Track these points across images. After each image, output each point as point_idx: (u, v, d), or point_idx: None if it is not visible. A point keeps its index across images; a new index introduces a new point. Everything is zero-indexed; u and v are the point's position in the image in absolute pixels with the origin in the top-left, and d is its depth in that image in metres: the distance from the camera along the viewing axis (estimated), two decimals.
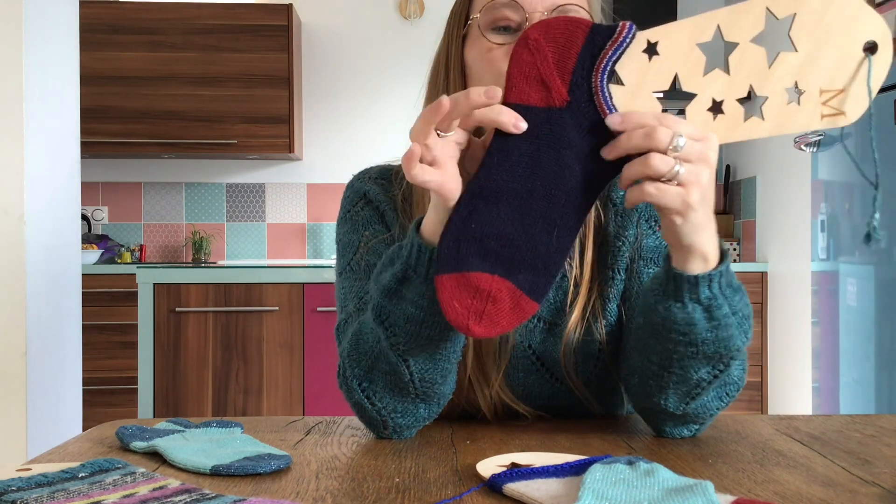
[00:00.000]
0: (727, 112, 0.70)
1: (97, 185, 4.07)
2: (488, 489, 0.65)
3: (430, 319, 0.77)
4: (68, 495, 0.61)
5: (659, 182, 0.69)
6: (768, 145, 3.57)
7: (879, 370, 2.04)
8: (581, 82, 0.69)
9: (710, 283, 0.75)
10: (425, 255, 0.75)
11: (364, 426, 0.92)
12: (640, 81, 0.70)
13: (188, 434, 0.82)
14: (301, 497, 0.65)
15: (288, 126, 3.77)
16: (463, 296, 0.69)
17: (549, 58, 0.69)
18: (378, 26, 4.08)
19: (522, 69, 0.69)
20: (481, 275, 0.69)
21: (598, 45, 0.69)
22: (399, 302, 0.78)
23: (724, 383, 0.84)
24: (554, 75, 0.69)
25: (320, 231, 4.12)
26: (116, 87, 3.73)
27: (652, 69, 0.69)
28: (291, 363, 2.71)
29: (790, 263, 3.37)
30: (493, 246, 0.69)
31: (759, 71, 0.69)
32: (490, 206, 0.69)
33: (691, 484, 0.60)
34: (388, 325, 0.79)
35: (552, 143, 0.69)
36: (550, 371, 0.96)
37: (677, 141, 0.68)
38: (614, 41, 0.69)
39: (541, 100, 0.69)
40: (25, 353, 1.86)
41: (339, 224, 1.04)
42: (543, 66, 0.69)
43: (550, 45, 0.69)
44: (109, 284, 3.51)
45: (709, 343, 0.77)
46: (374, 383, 0.84)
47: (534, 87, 0.69)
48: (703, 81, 0.70)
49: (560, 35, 0.69)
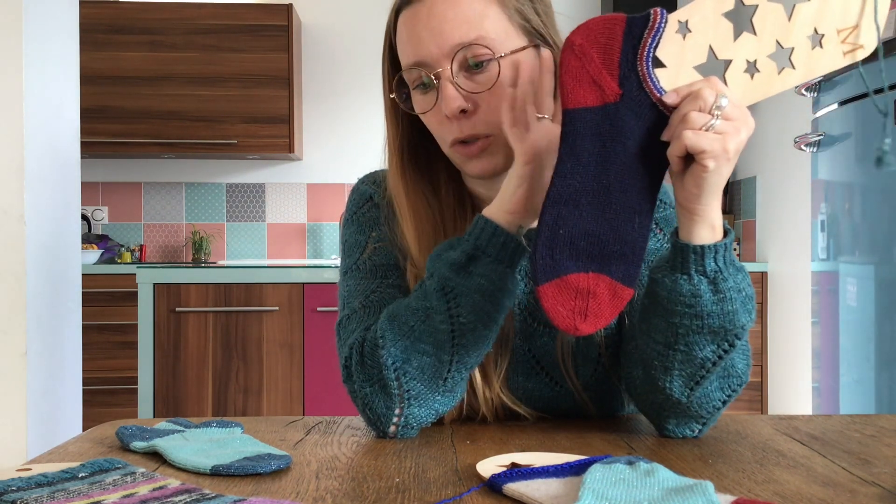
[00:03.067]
0: (762, 69, 0.75)
1: (97, 185, 4.07)
2: (488, 489, 0.65)
3: (496, 296, 0.81)
4: (68, 495, 0.61)
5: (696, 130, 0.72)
6: (768, 145, 3.57)
7: (879, 370, 2.04)
8: (629, 73, 0.73)
9: (715, 256, 0.77)
10: (499, 237, 0.80)
11: (364, 426, 0.92)
12: (680, 60, 0.74)
13: (188, 434, 0.82)
14: (301, 497, 0.65)
15: (288, 126, 3.77)
16: (566, 299, 0.73)
17: (595, 58, 0.72)
18: (378, 26, 4.05)
19: (573, 75, 0.72)
20: (578, 275, 0.73)
21: (636, 35, 0.73)
22: (468, 276, 0.81)
23: (727, 374, 0.84)
24: (603, 73, 0.72)
25: (320, 231, 4.12)
26: (116, 87, 3.73)
27: (687, 46, 0.73)
28: (291, 363, 2.71)
29: (790, 263, 3.37)
30: (583, 245, 0.73)
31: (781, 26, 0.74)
32: (573, 210, 0.72)
33: (691, 484, 0.60)
34: (454, 296, 0.81)
35: (615, 136, 0.73)
36: (550, 374, 0.96)
37: (721, 101, 0.72)
38: (651, 28, 0.72)
39: (596, 99, 0.73)
40: (25, 353, 1.86)
41: (346, 225, 1.04)
42: (592, 68, 0.72)
43: (594, 47, 0.72)
44: (109, 284, 3.51)
45: (714, 316, 0.78)
46: (408, 363, 0.84)
47: (587, 89, 0.72)
48: (735, 47, 0.74)
49: (601, 35, 0.73)
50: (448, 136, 0.92)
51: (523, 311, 0.97)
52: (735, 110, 0.73)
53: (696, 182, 0.75)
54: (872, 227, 2.09)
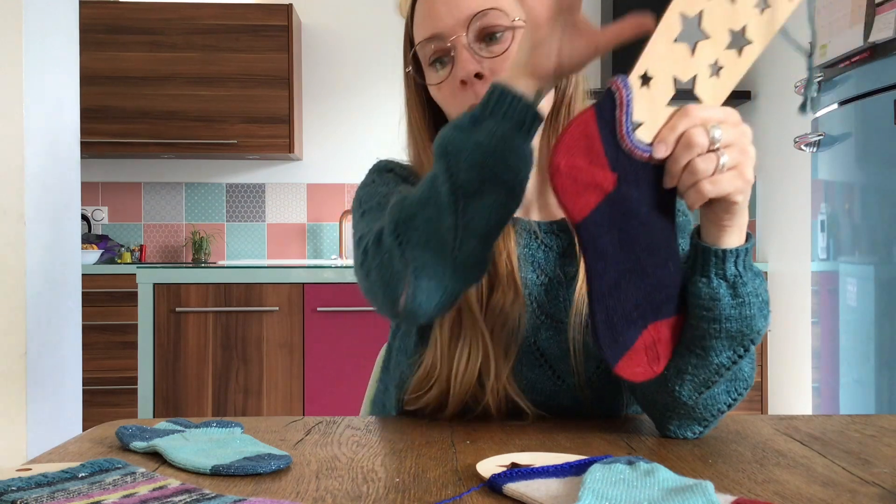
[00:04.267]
0: (724, 64, 0.74)
1: (97, 185, 4.07)
2: (488, 489, 0.65)
3: (499, 152, 0.74)
4: (68, 495, 0.61)
5: (712, 176, 0.71)
6: (768, 145, 3.57)
7: (879, 370, 2.04)
8: (617, 155, 0.73)
9: (736, 260, 0.77)
10: (506, 97, 0.75)
11: (364, 426, 0.92)
12: (653, 108, 0.73)
13: (188, 434, 0.82)
14: (301, 497, 0.65)
15: (288, 126, 3.77)
16: (639, 361, 0.77)
17: (583, 166, 0.72)
18: (378, 26, 4.08)
19: (569, 190, 0.73)
20: (641, 337, 0.76)
21: (609, 119, 0.72)
22: (470, 133, 0.75)
23: (734, 377, 0.84)
24: (595, 171, 0.73)
25: (320, 231, 4.12)
26: (116, 87, 3.73)
27: (655, 93, 0.72)
28: (291, 363, 2.71)
29: (790, 263, 3.37)
30: (635, 315, 0.76)
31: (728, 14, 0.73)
32: (617, 296, 0.75)
33: (691, 484, 0.60)
34: (454, 153, 0.75)
35: (627, 217, 0.74)
36: (553, 368, 0.97)
37: (714, 133, 0.71)
38: (620, 105, 0.72)
39: (598, 196, 0.73)
40: (25, 353, 1.86)
41: (363, 187, 1.03)
42: (584, 176, 0.73)
43: (577, 156, 0.72)
44: (109, 284, 3.51)
45: (732, 320, 0.78)
46: (411, 230, 0.78)
47: (588, 194, 0.73)
48: (695, 61, 0.73)
49: (579, 141, 0.73)
50: (463, 105, 0.93)
51: (532, 302, 0.97)
52: (730, 131, 0.72)
53: (725, 211, 0.75)
54: (872, 227, 2.09)
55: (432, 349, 0.96)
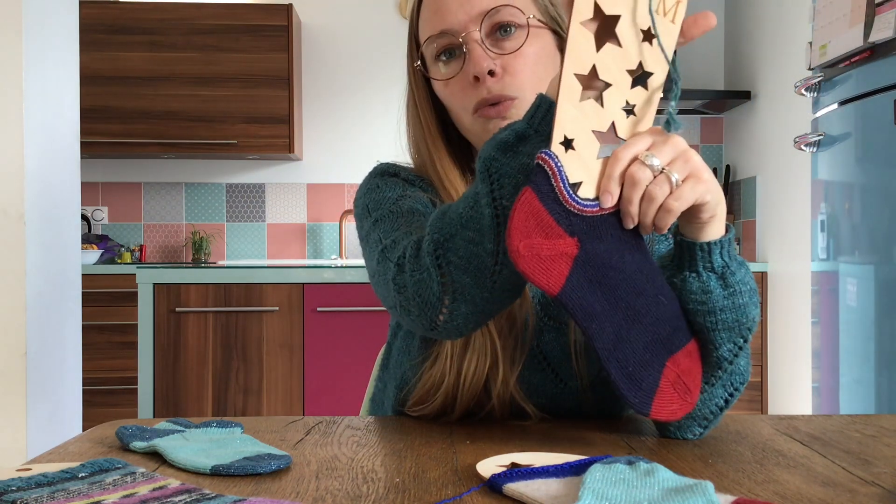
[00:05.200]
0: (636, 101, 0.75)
1: (97, 185, 4.07)
2: (488, 489, 0.65)
3: None
4: (68, 495, 0.61)
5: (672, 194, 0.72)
6: (768, 145, 3.57)
7: (879, 370, 2.04)
8: (568, 219, 0.73)
9: (721, 251, 0.78)
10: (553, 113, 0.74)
11: (364, 426, 0.92)
12: (585, 166, 0.73)
13: (188, 434, 0.82)
14: (301, 497, 0.65)
15: (288, 126, 3.77)
16: (671, 399, 0.76)
17: (540, 241, 0.73)
18: (378, 26, 4.08)
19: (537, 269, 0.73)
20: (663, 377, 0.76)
21: (547, 191, 0.72)
22: (514, 155, 0.75)
23: (730, 371, 0.84)
24: (555, 243, 0.73)
25: (320, 231, 4.12)
26: (116, 87, 3.73)
27: (581, 152, 0.73)
28: (291, 363, 2.71)
29: (790, 263, 3.37)
30: (648, 356, 0.76)
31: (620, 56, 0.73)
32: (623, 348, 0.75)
33: (691, 484, 0.60)
34: (497, 177, 0.75)
35: (604, 272, 0.74)
36: (555, 371, 0.96)
37: (651, 161, 0.71)
38: (552, 175, 0.72)
39: (567, 264, 0.73)
40: (25, 353, 1.86)
41: (368, 193, 1.01)
42: (545, 250, 0.73)
43: (532, 235, 0.72)
44: (109, 284, 3.51)
45: (727, 311, 0.79)
46: (451, 252, 0.78)
47: (555, 267, 0.73)
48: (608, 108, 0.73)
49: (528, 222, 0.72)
50: (472, 100, 0.93)
51: (536, 304, 0.97)
52: (665, 151, 0.72)
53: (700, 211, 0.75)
54: (872, 227, 2.09)
55: (441, 360, 0.95)
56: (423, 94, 1.02)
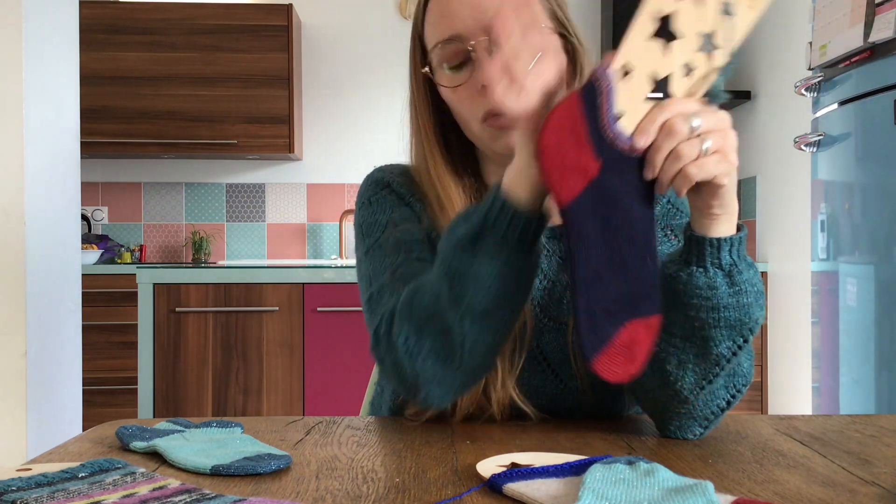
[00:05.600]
0: (696, 65, 0.75)
1: (97, 185, 4.07)
2: (488, 489, 0.65)
3: (499, 280, 0.77)
4: (68, 495, 0.61)
5: (696, 160, 0.72)
6: (768, 145, 3.57)
7: (879, 370, 2.04)
8: (600, 143, 0.74)
9: (730, 248, 0.78)
10: (507, 213, 0.76)
11: (364, 426, 0.92)
12: (633, 101, 0.74)
13: (188, 434, 0.82)
14: (301, 497, 0.65)
15: (288, 126, 3.77)
16: (616, 360, 0.75)
17: (568, 147, 0.73)
18: (378, 26, 4.08)
19: (557, 169, 0.74)
20: (619, 334, 0.75)
21: (593, 105, 0.73)
22: (472, 259, 0.76)
23: (733, 372, 0.84)
24: (580, 155, 0.74)
25: (320, 231, 4.12)
26: (116, 87, 3.73)
27: (633, 85, 0.74)
28: (291, 363, 2.71)
29: (790, 263, 3.37)
30: (615, 307, 0.75)
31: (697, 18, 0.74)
32: (598, 287, 0.75)
33: (691, 484, 0.60)
34: (455, 281, 0.77)
35: (610, 205, 0.74)
36: (556, 372, 0.96)
37: (693, 121, 0.72)
38: (601, 92, 0.73)
39: (582, 181, 0.74)
40: (25, 353, 1.86)
41: (362, 208, 1.03)
42: (571, 156, 0.73)
43: (565, 136, 0.73)
44: (109, 284, 3.51)
45: (730, 309, 0.79)
46: (420, 343, 0.81)
47: (573, 177, 0.74)
48: (670, 60, 0.74)
49: (565, 123, 0.74)
50: (481, 109, 0.92)
51: (535, 306, 0.96)
52: (710, 119, 0.73)
53: (713, 196, 0.76)
54: (872, 227, 2.09)
55: None
56: (424, 99, 1.00)
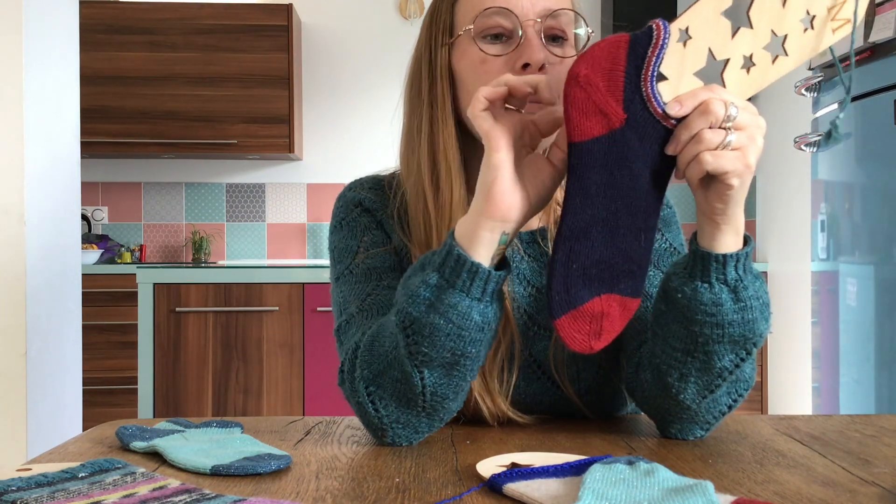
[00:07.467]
0: (757, 62, 0.74)
1: (97, 185, 4.07)
2: (488, 489, 0.65)
3: (456, 332, 0.76)
4: (68, 495, 0.61)
5: (715, 150, 0.71)
6: (768, 145, 3.57)
7: (879, 370, 2.04)
8: (633, 95, 0.71)
9: (736, 264, 0.76)
10: (462, 265, 0.75)
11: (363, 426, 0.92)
12: (681, 68, 0.72)
13: (188, 434, 0.82)
14: (301, 497, 0.65)
15: (288, 126, 3.77)
16: (581, 325, 0.74)
17: (600, 87, 0.71)
18: (378, 26, 4.08)
19: (579, 107, 0.71)
20: (591, 302, 0.74)
21: (640, 55, 0.71)
22: (427, 311, 0.76)
23: (735, 378, 0.83)
24: (608, 100, 0.71)
25: (320, 231, 4.12)
26: (116, 87, 3.73)
27: (688, 53, 0.72)
28: (291, 363, 2.71)
29: (790, 263, 3.37)
30: (594, 273, 0.73)
31: (776, 14, 0.73)
32: (584, 243, 0.72)
33: (691, 484, 0.60)
34: (411, 333, 0.77)
35: (621, 164, 0.72)
36: (552, 379, 0.95)
37: (731, 110, 0.70)
38: (655, 45, 0.71)
39: (602, 128, 0.71)
40: (25, 353, 1.86)
41: (334, 232, 1.02)
42: (597, 96, 0.71)
43: (598, 74, 0.71)
44: (109, 284, 3.51)
45: (735, 325, 0.77)
46: (381, 388, 0.81)
47: (593, 119, 0.71)
48: (733, 44, 0.73)
49: (604, 60, 0.71)
50: None
51: (523, 314, 0.96)
52: (746, 116, 0.71)
53: (720, 198, 0.74)
54: (872, 227, 2.09)
55: None
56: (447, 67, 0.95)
